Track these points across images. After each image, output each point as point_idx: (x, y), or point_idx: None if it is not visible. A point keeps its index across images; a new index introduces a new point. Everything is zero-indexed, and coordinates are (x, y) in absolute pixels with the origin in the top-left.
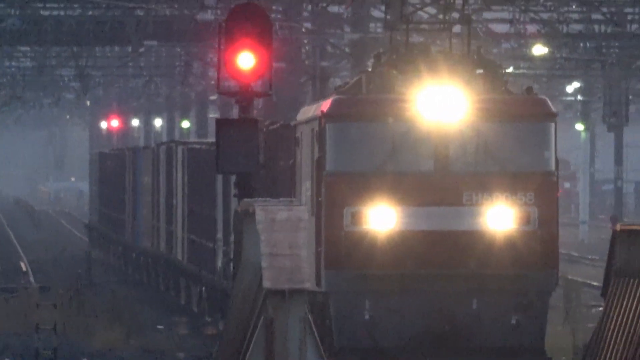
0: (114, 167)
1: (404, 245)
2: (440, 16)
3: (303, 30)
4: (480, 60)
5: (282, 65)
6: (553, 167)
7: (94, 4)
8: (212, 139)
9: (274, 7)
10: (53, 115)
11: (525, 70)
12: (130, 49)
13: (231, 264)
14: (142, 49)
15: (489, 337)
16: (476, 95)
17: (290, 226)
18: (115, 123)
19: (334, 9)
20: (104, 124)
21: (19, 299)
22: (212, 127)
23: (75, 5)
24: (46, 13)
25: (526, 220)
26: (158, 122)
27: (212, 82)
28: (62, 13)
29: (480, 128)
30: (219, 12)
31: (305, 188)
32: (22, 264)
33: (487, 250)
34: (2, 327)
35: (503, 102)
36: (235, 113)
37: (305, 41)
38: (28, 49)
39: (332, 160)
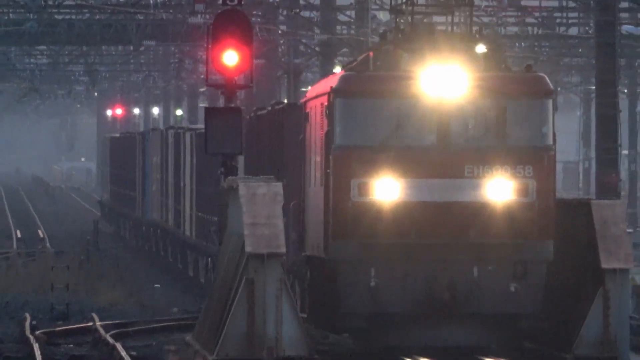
0: (124, 149)
1: (408, 216)
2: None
3: (279, 32)
4: (481, 38)
5: (261, 62)
6: (551, 142)
7: (101, 10)
8: (202, 124)
9: (254, 12)
10: (65, 104)
11: None
12: (131, 48)
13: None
14: (142, 48)
15: (488, 303)
16: (477, 73)
17: (269, 199)
18: (119, 111)
19: (306, 13)
20: (109, 112)
21: (37, 262)
22: (201, 115)
23: (85, 11)
24: (59, 17)
25: (524, 193)
26: (155, 111)
27: (202, 76)
28: (73, 17)
29: (481, 104)
30: (207, 16)
31: (315, 161)
32: (40, 232)
33: (487, 221)
34: (22, 286)
35: (503, 79)
36: (221, 102)
37: (281, 41)
38: (44, 48)
39: (340, 134)
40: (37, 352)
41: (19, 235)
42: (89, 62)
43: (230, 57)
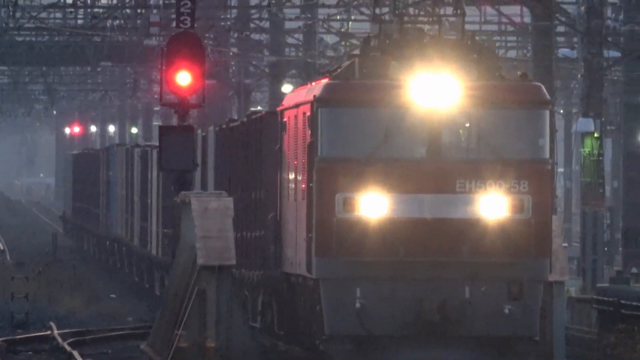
0: (87, 165)
1: (396, 233)
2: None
3: (230, 53)
4: (475, 45)
5: (212, 82)
6: (547, 155)
7: (60, 32)
8: (156, 142)
9: (206, 35)
10: (26, 122)
11: None
12: (89, 68)
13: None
14: (99, 69)
15: (481, 325)
16: (470, 82)
17: (220, 213)
18: (76, 129)
19: (256, 36)
20: (67, 130)
21: None
22: (156, 133)
23: (44, 33)
24: (20, 39)
25: (520, 209)
26: (112, 129)
27: (156, 96)
28: (33, 39)
29: (474, 115)
30: (161, 38)
31: (294, 173)
32: (0, 244)
33: (480, 239)
34: None
35: (497, 88)
36: (174, 121)
37: (232, 63)
38: (5, 68)
39: (324, 146)
40: None
41: None
42: (48, 82)
43: (183, 78)
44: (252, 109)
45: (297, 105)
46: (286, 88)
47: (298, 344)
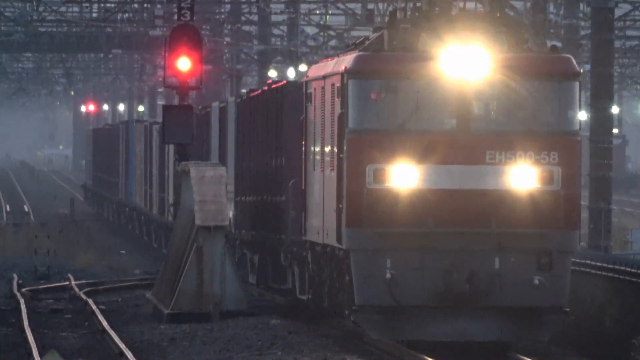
0: (108, 139)
1: (426, 204)
2: None
3: (224, 43)
4: (503, 18)
5: (209, 67)
6: (577, 127)
7: (77, 24)
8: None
9: (203, 27)
10: (47, 102)
11: None
12: (102, 55)
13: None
14: (110, 56)
15: (510, 296)
16: (500, 53)
17: (215, 181)
18: (91, 107)
19: (246, 28)
20: (83, 108)
21: (23, 231)
22: (159, 111)
23: (64, 24)
24: (43, 29)
25: (549, 180)
26: (121, 107)
27: (160, 79)
28: (54, 29)
29: (504, 86)
30: (165, 29)
31: (320, 143)
32: (25, 207)
33: (509, 210)
34: (12, 251)
35: (527, 60)
36: (176, 101)
37: (226, 51)
38: (30, 55)
39: (355, 118)
40: (23, 306)
41: (8, 209)
42: (67, 67)
43: (184, 63)
44: (243, 90)
45: (324, 77)
46: (272, 73)
47: (325, 312)
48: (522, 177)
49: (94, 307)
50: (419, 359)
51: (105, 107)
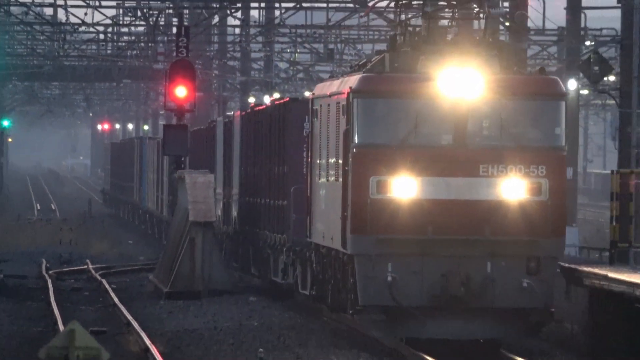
0: (124, 151)
1: (425, 213)
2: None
3: (213, 74)
4: (495, 43)
5: (200, 94)
6: (563, 143)
7: (95, 59)
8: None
9: (196, 62)
10: (70, 121)
11: None
12: (114, 84)
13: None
14: (121, 84)
15: (501, 298)
16: (492, 75)
17: (205, 186)
18: (106, 126)
19: (231, 63)
20: (99, 127)
21: (50, 225)
22: (161, 129)
23: (84, 59)
24: (67, 63)
25: (538, 191)
26: (130, 126)
27: (161, 104)
28: (76, 63)
29: (497, 105)
30: (165, 63)
31: (325, 155)
32: (52, 205)
33: (501, 219)
34: (41, 241)
35: (518, 81)
36: (174, 121)
37: (214, 81)
38: (57, 83)
39: (360, 133)
40: (50, 285)
41: (38, 207)
42: (86, 93)
43: (181, 91)
44: (228, 112)
45: (330, 95)
46: (251, 99)
47: (328, 308)
48: (513, 188)
49: (107, 286)
50: (411, 353)
51: (117, 126)
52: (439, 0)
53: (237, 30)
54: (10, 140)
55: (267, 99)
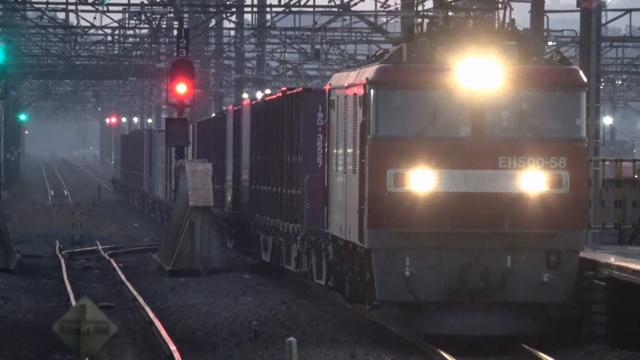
0: (134, 142)
1: (443, 206)
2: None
3: (210, 73)
4: (514, 32)
5: (199, 91)
6: (584, 134)
7: (103, 58)
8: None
9: (195, 61)
10: (81, 115)
11: None
12: (121, 81)
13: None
14: (127, 82)
15: (521, 293)
16: (512, 65)
17: (204, 173)
18: (113, 120)
19: (226, 62)
20: (107, 120)
21: (63, 209)
22: (163, 122)
23: (93, 59)
24: (78, 62)
25: (558, 184)
26: (135, 120)
27: (164, 99)
28: (86, 62)
29: (516, 96)
30: (167, 63)
31: (342, 147)
32: (65, 191)
33: (520, 212)
34: (55, 224)
35: (537, 71)
36: (175, 115)
37: (211, 78)
38: (69, 81)
39: (376, 125)
40: (63, 264)
41: (52, 193)
42: (96, 90)
43: (181, 88)
44: (223, 107)
45: (347, 86)
46: (245, 95)
47: (345, 299)
48: (533, 181)
49: (115, 265)
50: (429, 349)
51: (124, 119)
52: None
53: (232, 33)
54: (27, 132)
55: (259, 95)
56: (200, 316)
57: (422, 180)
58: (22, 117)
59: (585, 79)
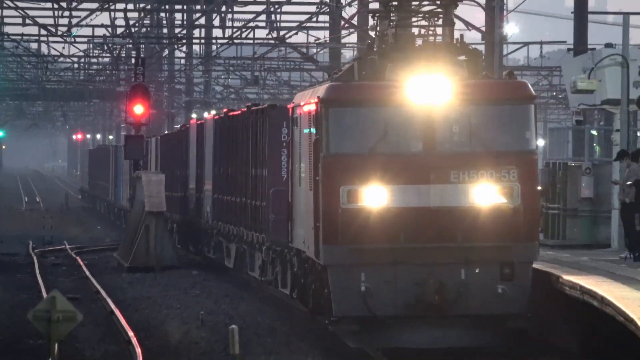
0: (100, 156)
1: (396, 221)
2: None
3: (164, 95)
4: (463, 47)
5: (153, 111)
6: (534, 146)
7: (70, 83)
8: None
9: (150, 85)
10: (52, 132)
11: None
12: (86, 103)
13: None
14: (92, 103)
15: (476, 305)
16: (460, 80)
17: (158, 183)
18: (79, 136)
19: (178, 86)
20: (74, 137)
21: (35, 213)
22: (122, 139)
23: (62, 83)
24: (49, 86)
25: (509, 196)
26: (98, 136)
27: (123, 118)
28: (55, 86)
29: (465, 111)
30: (126, 87)
31: (304, 163)
32: (37, 198)
33: (473, 225)
34: (28, 226)
35: (486, 86)
36: (133, 132)
37: (164, 101)
38: (40, 102)
39: (329, 143)
40: (35, 261)
41: (26, 199)
42: (64, 110)
43: (138, 109)
44: (176, 125)
45: (303, 105)
46: (194, 115)
47: (310, 312)
48: (484, 194)
49: (80, 262)
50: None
51: (88, 136)
52: (408, 7)
53: (183, 61)
54: (4, 147)
55: (206, 114)
56: (154, 307)
57: (375, 196)
58: (0, 133)
59: (533, 92)
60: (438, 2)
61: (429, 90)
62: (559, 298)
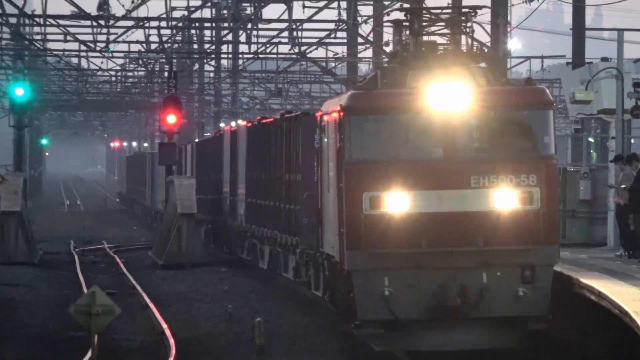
0: (137, 162)
1: (418, 226)
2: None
3: (194, 106)
4: (483, 54)
5: (185, 121)
6: (553, 151)
7: (108, 94)
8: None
9: (182, 97)
10: (91, 140)
11: None
12: (123, 113)
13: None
14: (128, 113)
15: (498, 308)
16: (480, 87)
17: (189, 187)
18: (117, 144)
19: (207, 97)
20: (111, 144)
21: (76, 215)
22: (157, 146)
23: (101, 95)
24: (89, 98)
25: (529, 200)
26: (134, 144)
27: (157, 127)
28: (94, 98)
29: (485, 117)
30: (160, 98)
31: (332, 170)
32: (78, 201)
33: (494, 229)
34: (69, 227)
35: (505, 92)
36: (166, 140)
37: (195, 111)
38: (81, 113)
39: (351, 150)
40: (76, 259)
41: (68, 202)
42: (102, 120)
43: (171, 118)
44: (206, 133)
45: (330, 112)
46: (222, 124)
47: (341, 315)
48: (505, 198)
49: (118, 260)
50: None
51: (125, 143)
52: (428, 16)
53: (212, 74)
54: (47, 154)
55: (233, 124)
56: (186, 301)
57: (397, 202)
58: (44, 141)
59: (551, 98)
60: (458, 11)
61: (449, 96)
62: (559, 294)
